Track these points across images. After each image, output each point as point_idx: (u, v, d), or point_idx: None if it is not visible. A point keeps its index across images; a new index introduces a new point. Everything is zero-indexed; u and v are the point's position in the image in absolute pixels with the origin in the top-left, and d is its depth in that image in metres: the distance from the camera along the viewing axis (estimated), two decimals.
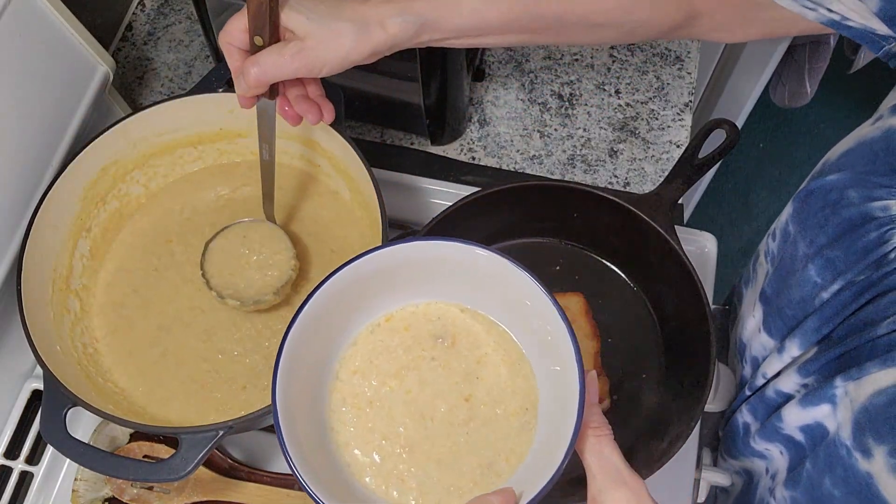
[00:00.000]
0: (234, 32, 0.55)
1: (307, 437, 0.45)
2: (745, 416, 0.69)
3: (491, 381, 0.48)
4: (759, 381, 0.66)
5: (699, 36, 0.62)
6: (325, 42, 0.53)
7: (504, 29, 0.57)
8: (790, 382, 0.62)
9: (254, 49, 0.55)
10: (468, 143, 0.90)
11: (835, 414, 0.56)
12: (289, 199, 0.77)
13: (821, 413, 0.57)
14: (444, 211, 0.70)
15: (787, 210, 0.65)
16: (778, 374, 0.64)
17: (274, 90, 0.60)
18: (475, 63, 0.89)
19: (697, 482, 0.73)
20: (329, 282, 0.46)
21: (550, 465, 0.41)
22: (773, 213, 1.90)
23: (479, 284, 0.48)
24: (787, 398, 0.62)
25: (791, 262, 0.63)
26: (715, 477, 0.74)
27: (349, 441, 0.47)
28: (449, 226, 0.71)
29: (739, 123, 1.37)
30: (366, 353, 0.49)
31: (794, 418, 0.60)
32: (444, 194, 0.83)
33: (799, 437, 0.61)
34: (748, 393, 0.69)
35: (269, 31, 0.54)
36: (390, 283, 0.49)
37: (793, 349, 0.61)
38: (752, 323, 0.70)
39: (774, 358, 0.64)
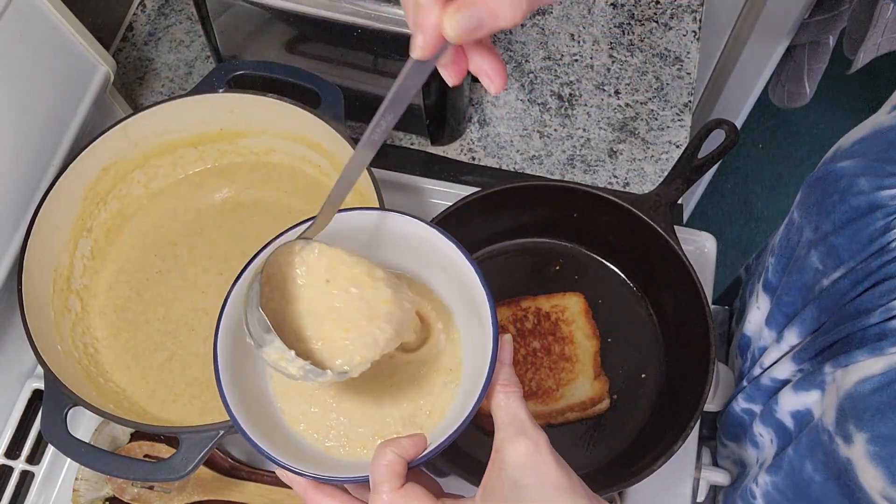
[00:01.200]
0: None
1: (246, 386, 0.48)
2: (741, 403, 0.69)
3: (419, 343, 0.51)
4: (757, 372, 0.67)
5: None
6: None
7: None
8: (785, 370, 0.62)
9: None
10: (468, 143, 0.90)
11: (822, 401, 0.56)
12: (289, 200, 0.77)
13: (811, 399, 0.58)
14: (444, 211, 0.71)
15: (796, 198, 0.65)
16: (774, 363, 0.64)
17: None
18: None
19: (697, 482, 0.73)
20: (266, 250, 0.49)
21: (461, 417, 0.44)
22: (772, 212, 1.90)
23: (415, 254, 0.51)
24: (783, 384, 0.63)
25: (794, 249, 0.63)
26: (715, 476, 0.74)
27: (286, 390, 0.50)
28: (449, 226, 0.71)
29: (739, 124, 1.37)
30: None
31: (788, 403, 0.61)
32: (444, 194, 0.83)
33: (789, 423, 0.62)
34: (745, 384, 0.69)
35: None
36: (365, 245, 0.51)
37: (791, 338, 0.62)
38: (757, 315, 0.70)
39: (773, 348, 0.64)
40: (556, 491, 0.40)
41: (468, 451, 0.67)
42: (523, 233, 0.79)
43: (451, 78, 0.43)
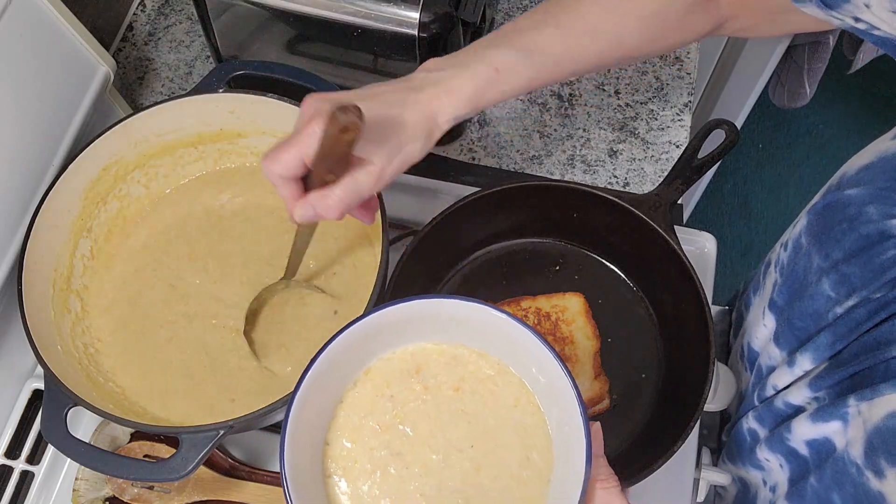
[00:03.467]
0: (291, 165, 0.52)
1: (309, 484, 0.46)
2: (751, 423, 0.68)
3: (505, 454, 0.47)
4: (769, 392, 0.66)
5: (728, 34, 0.65)
6: (398, 160, 0.55)
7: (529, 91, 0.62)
8: (800, 396, 0.61)
9: (317, 181, 0.52)
10: (468, 143, 0.90)
11: (845, 431, 0.55)
12: None
13: (830, 429, 0.57)
14: (444, 211, 0.71)
15: (801, 222, 0.65)
16: (788, 387, 0.64)
17: None
18: None
19: (697, 482, 0.73)
20: (338, 339, 0.47)
21: None
22: (772, 213, 1.90)
23: (474, 328, 0.49)
24: (797, 410, 0.62)
25: (804, 275, 0.63)
26: (715, 476, 0.74)
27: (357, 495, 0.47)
28: (449, 226, 0.71)
29: (739, 124, 1.37)
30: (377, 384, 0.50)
31: (803, 432, 0.60)
32: (444, 194, 0.84)
33: (803, 451, 0.61)
34: (756, 403, 0.68)
35: (342, 168, 0.51)
36: (416, 328, 0.49)
37: (804, 363, 0.61)
38: (764, 332, 0.70)
39: (784, 370, 0.63)
40: None
41: None
42: (523, 233, 0.79)
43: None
